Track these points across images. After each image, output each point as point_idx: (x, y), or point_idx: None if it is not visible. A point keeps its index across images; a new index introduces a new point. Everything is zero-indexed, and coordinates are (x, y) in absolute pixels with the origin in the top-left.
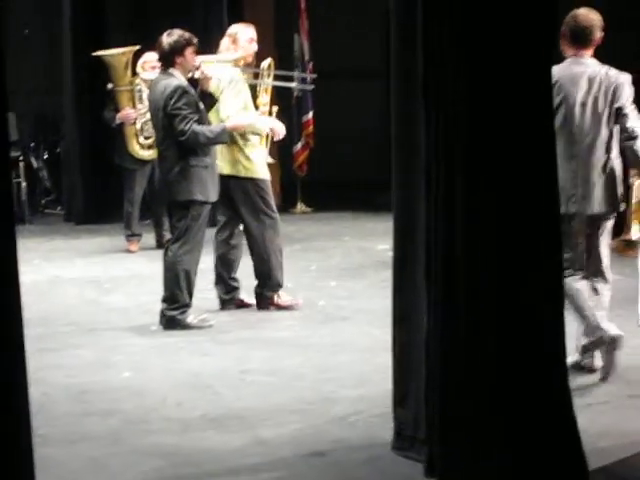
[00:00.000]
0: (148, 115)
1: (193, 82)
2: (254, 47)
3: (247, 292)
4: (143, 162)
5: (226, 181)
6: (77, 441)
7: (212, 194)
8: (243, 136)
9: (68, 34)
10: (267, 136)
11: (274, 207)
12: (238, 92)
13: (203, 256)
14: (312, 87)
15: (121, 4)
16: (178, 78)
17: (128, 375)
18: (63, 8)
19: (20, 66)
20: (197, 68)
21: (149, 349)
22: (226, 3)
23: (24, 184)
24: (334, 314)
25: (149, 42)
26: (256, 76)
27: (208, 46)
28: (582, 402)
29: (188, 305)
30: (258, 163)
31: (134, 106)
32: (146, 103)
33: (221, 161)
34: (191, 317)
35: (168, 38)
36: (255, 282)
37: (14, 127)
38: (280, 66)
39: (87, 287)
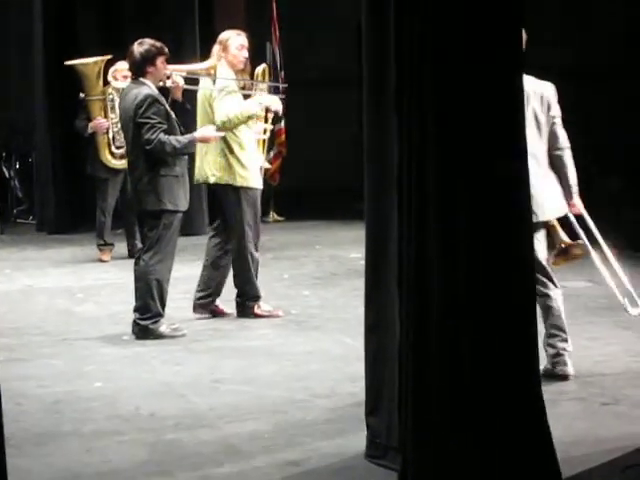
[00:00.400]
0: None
1: (164, 91)
2: (244, 54)
3: (223, 300)
4: (115, 171)
5: (220, 188)
6: (50, 451)
7: (183, 203)
8: (240, 144)
9: (39, 43)
10: (263, 141)
11: (259, 218)
12: (229, 95)
13: (175, 264)
14: (283, 96)
15: (92, 13)
16: (149, 87)
17: (100, 385)
18: (34, 17)
19: None
20: (168, 77)
21: (121, 359)
22: (197, 13)
23: None
24: (307, 323)
25: (121, 51)
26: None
27: (179, 55)
28: (555, 410)
29: (161, 315)
30: (253, 171)
31: (106, 115)
32: (118, 112)
33: (217, 170)
34: (164, 326)
35: (139, 47)
36: (234, 291)
37: None
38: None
39: (59, 297)
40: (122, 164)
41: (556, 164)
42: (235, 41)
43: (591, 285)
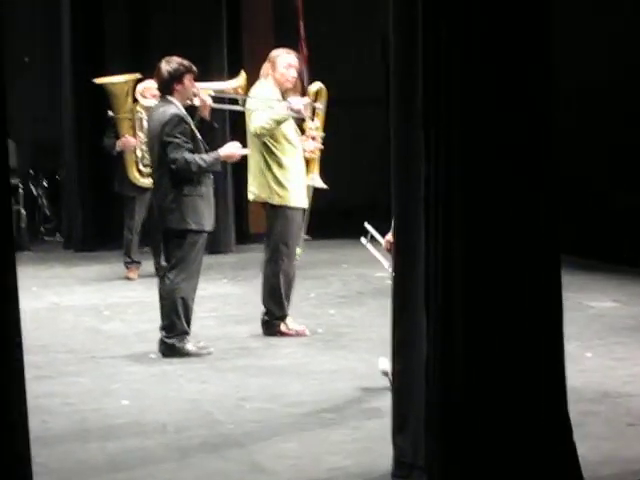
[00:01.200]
0: None
1: (192, 109)
2: (292, 73)
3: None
4: (143, 190)
5: (261, 206)
6: (76, 469)
7: (207, 223)
8: (279, 163)
9: (68, 61)
10: (312, 160)
11: (296, 237)
12: (269, 108)
13: (201, 282)
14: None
15: (121, 32)
16: (176, 106)
17: (127, 402)
18: (63, 35)
19: (20, 93)
20: (196, 95)
21: (148, 377)
22: (225, 31)
23: (23, 211)
24: (333, 341)
25: (149, 70)
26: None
27: (207, 74)
28: (582, 430)
29: (187, 333)
30: (293, 190)
31: (134, 134)
32: (146, 131)
33: (255, 188)
34: (190, 344)
35: (167, 65)
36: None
37: (14, 155)
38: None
39: (86, 314)
40: (150, 182)
41: None
42: (284, 59)
43: (617, 305)
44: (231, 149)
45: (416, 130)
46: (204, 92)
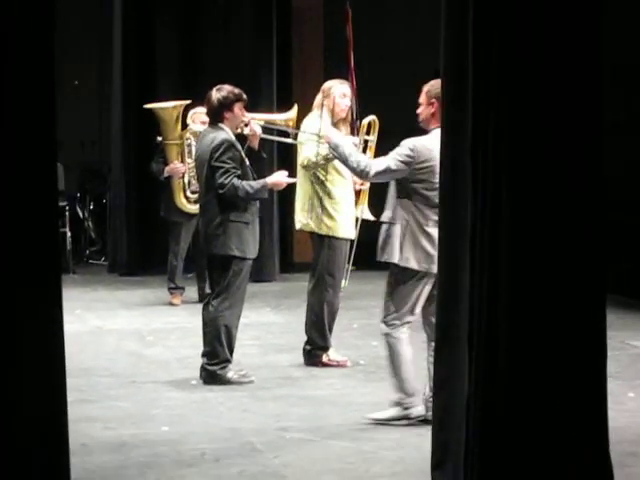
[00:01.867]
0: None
1: (242, 138)
2: (347, 102)
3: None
4: (189, 216)
5: (308, 235)
6: None
7: (251, 250)
8: (329, 193)
9: (118, 85)
10: (363, 192)
11: (342, 268)
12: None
13: (245, 310)
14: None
15: (171, 57)
16: (226, 132)
17: (167, 429)
18: (114, 59)
19: (68, 116)
20: (246, 125)
21: (189, 403)
22: (275, 58)
23: (69, 234)
24: (375, 373)
25: (198, 96)
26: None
27: (256, 100)
28: (623, 472)
29: (229, 361)
30: (341, 221)
31: (183, 160)
32: (194, 157)
33: (303, 217)
34: (231, 372)
35: (217, 93)
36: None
37: (61, 177)
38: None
39: (129, 339)
40: (196, 209)
41: None
42: (338, 89)
43: None
44: (279, 177)
45: (464, 161)
46: (255, 122)
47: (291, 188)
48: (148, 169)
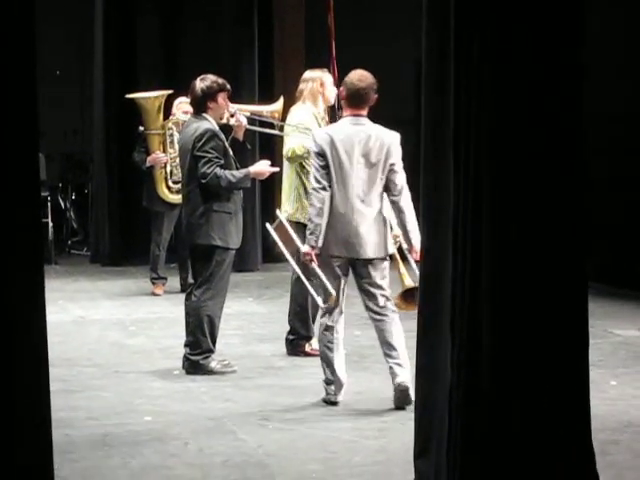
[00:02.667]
0: (178, 159)
1: (227, 129)
2: (335, 90)
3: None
4: (171, 205)
5: (294, 225)
6: None
7: (234, 240)
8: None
9: (100, 76)
10: None
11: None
12: (304, 133)
13: (227, 300)
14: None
15: (152, 48)
16: (210, 122)
17: (150, 419)
18: (95, 49)
19: (50, 106)
20: (232, 115)
21: (172, 393)
22: (257, 50)
23: (51, 224)
24: (357, 363)
25: (180, 86)
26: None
27: (238, 96)
28: (605, 459)
29: (211, 351)
30: None
31: (165, 150)
32: (177, 147)
33: (289, 207)
34: (214, 362)
35: (201, 83)
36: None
37: (42, 167)
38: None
39: (111, 329)
40: (178, 199)
41: (394, 210)
42: (329, 78)
43: None
44: (262, 167)
45: (446, 155)
46: (240, 113)
47: (273, 178)
48: (130, 159)
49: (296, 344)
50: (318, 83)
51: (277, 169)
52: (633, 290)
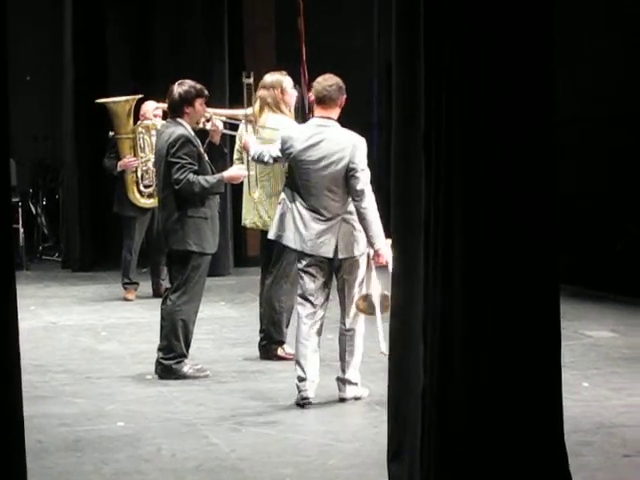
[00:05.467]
0: (149, 164)
1: (203, 133)
2: (296, 93)
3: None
4: (143, 210)
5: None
6: None
7: (210, 245)
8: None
9: (70, 80)
10: None
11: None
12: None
13: (202, 305)
14: None
15: (123, 52)
16: (184, 127)
17: (122, 424)
18: (65, 54)
19: (20, 112)
20: (208, 120)
21: (144, 398)
22: (227, 53)
23: (22, 230)
24: (331, 366)
25: (150, 91)
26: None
27: (209, 92)
28: (577, 460)
29: (185, 355)
30: None
31: (135, 154)
32: (147, 151)
33: (265, 214)
34: (187, 367)
35: (179, 88)
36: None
37: (13, 173)
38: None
39: (83, 334)
40: (150, 203)
41: (357, 215)
42: (289, 82)
43: (615, 335)
44: (235, 171)
45: (417, 154)
46: (216, 117)
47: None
48: (101, 164)
49: (269, 348)
50: (278, 90)
51: (252, 172)
52: (604, 291)
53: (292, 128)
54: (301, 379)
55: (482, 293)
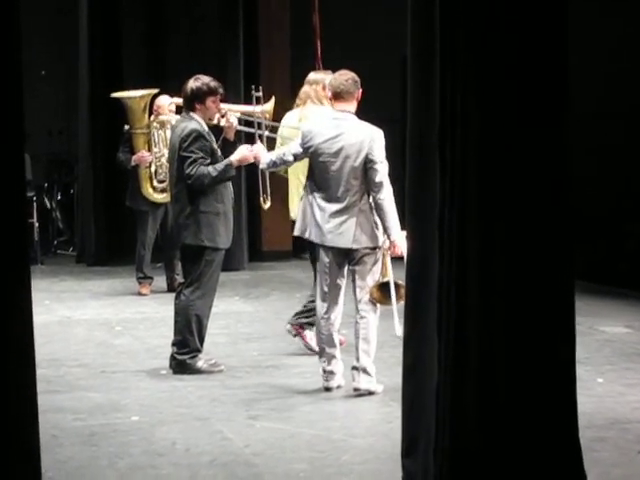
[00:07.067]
0: (163, 159)
1: (218, 129)
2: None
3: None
4: (156, 205)
5: None
6: None
7: (223, 241)
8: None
9: (85, 75)
10: None
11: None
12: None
13: (216, 300)
14: None
15: (138, 46)
16: (198, 122)
17: (137, 419)
18: (80, 49)
19: (35, 106)
20: (222, 116)
21: (159, 393)
22: (242, 49)
23: (37, 224)
24: (345, 361)
25: (165, 85)
26: None
27: (224, 88)
28: (592, 455)
29: (199, 350)
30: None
31: (150, 149)
32: (161, 146)
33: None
34: (201, 362)
35: (193, 83)
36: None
37: (28, 167)
38: None
39: (98, 329)
40: (163, 198)
41: (374, 206)
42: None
43: (630, 331)
44: (243, 152)
45: (433, 153)
46: (231, 114)
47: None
48: (115, 159)
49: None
50: (320, 86)
51: (263, 150)
52: (618, 287)
53: (313, 122)
54: (324, 370)
55: (496, 290)
